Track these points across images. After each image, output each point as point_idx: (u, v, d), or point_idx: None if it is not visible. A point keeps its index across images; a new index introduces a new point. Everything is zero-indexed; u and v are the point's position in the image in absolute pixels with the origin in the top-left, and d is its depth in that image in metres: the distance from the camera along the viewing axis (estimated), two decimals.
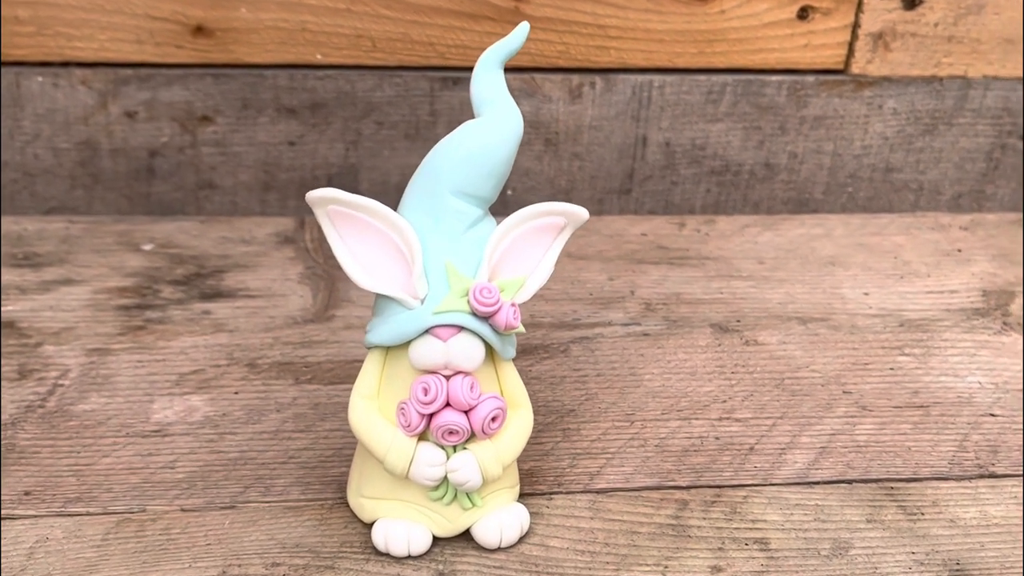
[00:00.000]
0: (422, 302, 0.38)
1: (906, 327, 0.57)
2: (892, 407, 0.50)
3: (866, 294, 0.60)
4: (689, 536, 0.42)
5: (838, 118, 0.74)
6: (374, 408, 0.40)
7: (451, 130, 0.72)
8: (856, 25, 0.72)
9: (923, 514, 0.43)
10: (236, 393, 0.49)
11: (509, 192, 0.73)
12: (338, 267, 0.60)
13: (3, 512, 0.41)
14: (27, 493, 0.42)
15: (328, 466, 0.45)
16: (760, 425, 0.49)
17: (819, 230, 0.67)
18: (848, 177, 0.75)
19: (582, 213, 0.40)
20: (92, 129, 0.68)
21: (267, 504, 0.42)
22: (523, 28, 0.40)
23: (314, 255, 0.62)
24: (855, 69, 0.73)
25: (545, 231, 0.40)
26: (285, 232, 0.64)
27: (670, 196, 0.75)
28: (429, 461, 0.39)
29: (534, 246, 0.40)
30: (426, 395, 0.38)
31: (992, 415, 0.50)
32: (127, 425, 0.46)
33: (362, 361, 0.50)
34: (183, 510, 0.42)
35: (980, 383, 0.52)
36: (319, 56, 0.69)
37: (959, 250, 0.65)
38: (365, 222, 0.39)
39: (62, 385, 0.49)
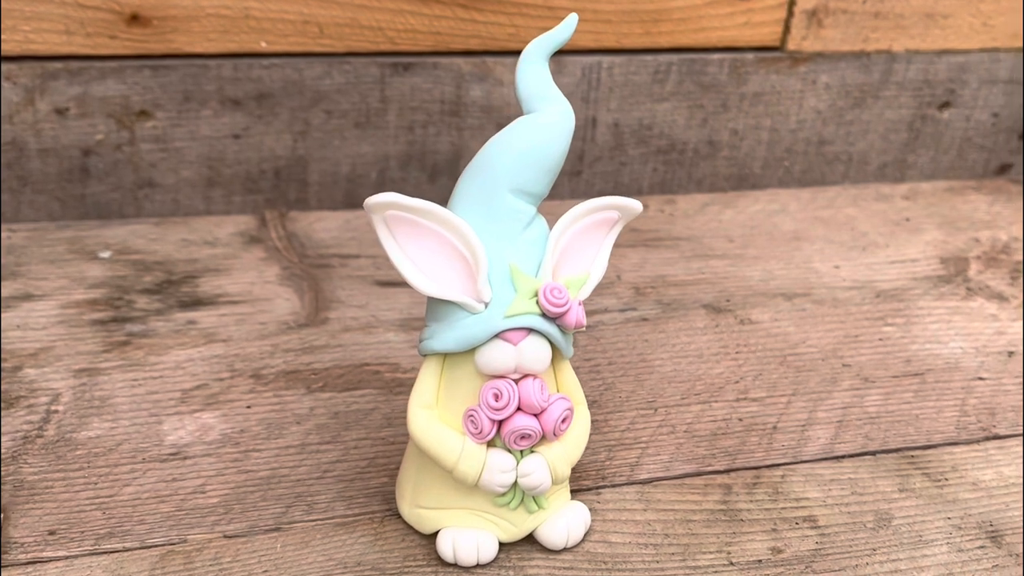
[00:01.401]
0: (486, 306, 0.37)
1: (883, 298, 0.59)
2: (891, 377, 0.52)
3: (836, 267, 0.62)
4: (742, 520, 0.42)
5: (775, 94, 0.76)
6: (436, 417, 0.38)
7: (402, 117, 0.70)
8: (792, 3, 0.74)
9: (947, 480, 0.45)
10: (248, 407, 0.46)
11: None
12: (320, 266, 0.58)
13: (30, 555, 0.38)
14: (51, 532, 0.39)
15: (367, 477, 0.43)
16: (776, 403, 0.50)
17: (774, 206, 0.69)
18: (785, 151, 0.78)
19: (636, 206, 0.40)
20: (18, 128, 0.63)
21: (314, 523, 0.40)
22: (571, 20, 0.39)
23: (286, 254, 0.59)
24: (791, 46, 0.75)
25: (599, 226, 0.39)
26: (248, 231, 0.61)
27: (619, 177, 0.75)
28: (501, 467, 0.38)
29: (589, 242, 0.39)
30: (497, 400, 0.37)
31: (980, 379, 0.52)
32: (141, 450, 0.43)
33: (372, 365, 0.48)
34: (226, 536, 0.40)
35: (962, 348, 0.55)
36: (264, 44, 0.66)
37: (907, 219, 0.68)
38: (424, 226, 0.37)
39: (56, 411, 0.45)
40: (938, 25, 0.77)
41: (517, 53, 0.70)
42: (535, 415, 0.38)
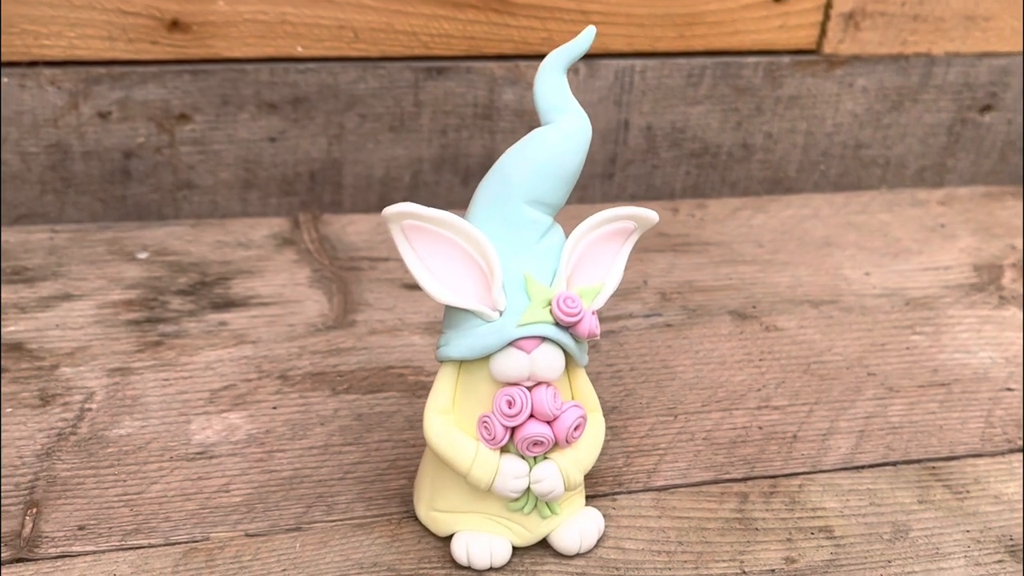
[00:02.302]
0: (500, 314, 0.38)
1: (912, 306, 0.58)
2: (916, 387, 0.52)
3: (867, 274, 0.61)
4: (757, 529, 0.42)
5: (811, 97, 0.76)
6: (451, 422, 0.39)
7: (436, 121, 0.71)
8: (828, 5, 0.74)
9: (968, 492, 0.45)
10: (274, 408, 0.47)
11: None
12: (350, 269, 0.59)
13: (60, 549, 0.39)
14: (81, 528, 0.40)
15: (386, 479, 0.44)
16: (797, 412, 0.50)
17: (807, 210, 0.69)
18: (820, 155, 0.77)
19: (652, 216, 0.40)
20: (62, 131, 0.65)
21: (333, 523, 0.41)
22: (589, 32, 0.40)
23: (317, 256, 0.60)
24: (827, 49, 0.75)
25: (615, 236, 0.40)
26: (281, 233, 0.62)
27: (651, 180, 0.75)
28: (514, 473, 0.39)
29: (604, 251, 0.40)
30: (511, 407, 0.38)
31: (1008, 389, 0.52)
32: (169, 448, 0.45)
33: (396, 368, 0.49)
34: (248, 535, 0.41)
35: (992, 358, 0.54)
36: (300, 49, 0.67)
37: (942, 225, 0.67)
38: (440, 235, 0.38)
39: (90, 409, 0.46)
40: (979, 27, 0.76)
41: None
42: (548, 422, 0.38)
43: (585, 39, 0.40)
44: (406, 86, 0.70)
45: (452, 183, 0.72)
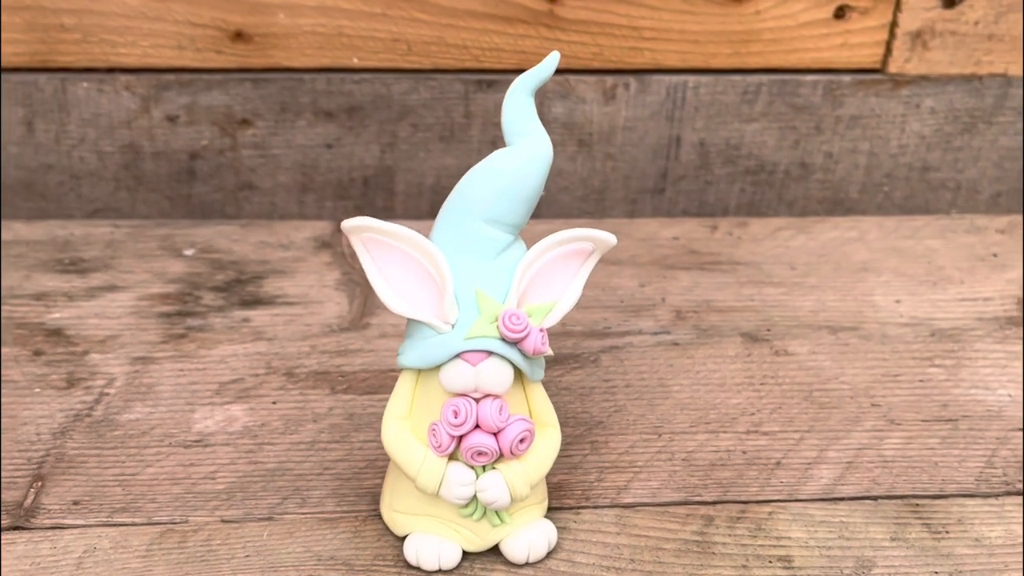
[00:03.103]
0: (453, 327, 0.39)
1: (937, 337, 0.57)
2: (920, 421, 0.50)
3: (898, 301, 0.60)
4: (713, 553, 0.43)
5: (874, 117, 0.74)
6: (406, 428, 0.41)
7: (485, 132, 0.73)
8: (894, 24, 0.72)
9: (948, 532, 0.44)
10: (274, 403, 0.50)
11: (543, 192, 0.74)
12: None
13: (53, 521, 0.43)
14: (76, 503, 0.44)
15: (362, 478, 0.46)
16: (787, 439, 0.49)
17: (853, 233, 0.67)
18: (884, 176, 0.75)
19: (610, 239, 0.41)
20: (135, 133, 0.70)
21: (303, 516, 0.44)
22: (553, 57, 0.41)
23: (350, 260, 0.63)
24: (892, 68, 0.73)
25: (573, 256, 0.41)
26: (322, 236, 0.66)
27: (704, 196, 0.75)
28: (459, 481, 0.40)
29: (562, 271, 0.41)
30: (456, 417, 0.39)
31: (1020, 430, 0.50)
32: (170, 435, 0.48)
33: (396, 371, 0.51)
34: (223, 521, 0.43)
35: (1011, 396, 0.52)
36: (355, 60, 0.70)
37: (995, 255, 0.65)
38: (398, 249, 0.40)
39: (108, 394, 0.50)
40: None
41: (600, 72, 0.72)
42: (493, 434, 0.40)
43: (550, 64, 0.41)
44: (457, 98, 0.72)
45: None
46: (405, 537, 0.42)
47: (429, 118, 0.72)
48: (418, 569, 0.41)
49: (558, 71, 0.72)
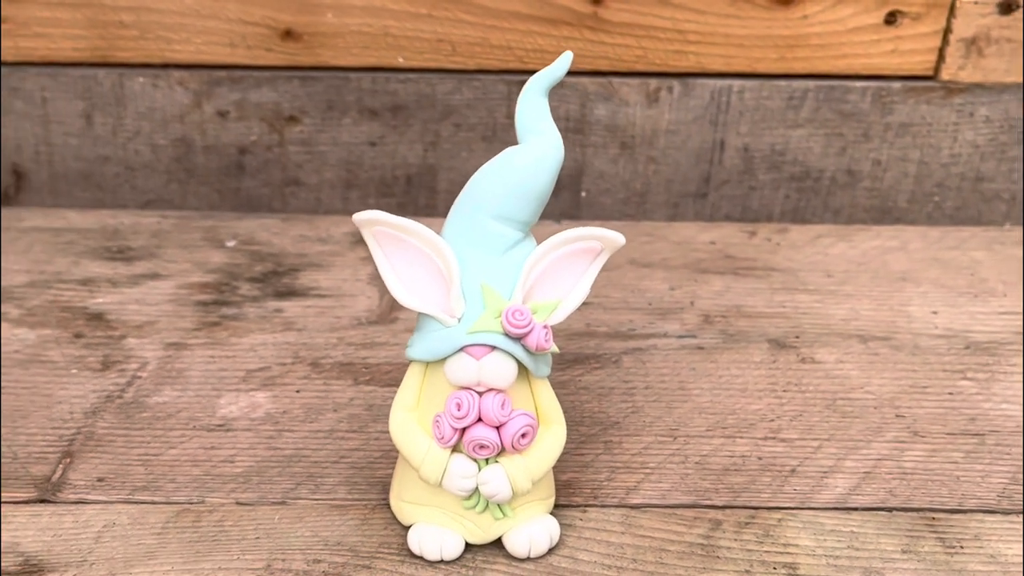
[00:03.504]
0: (459, 321, 0.40)
1: (972, 350, 0.55)
2: (946, 434, 0.49)
3: (934, 313, 0.59)
4: (717, 557, 0.42)
5: (925, 125, 0.73)
6: (413, 420, 0.42)
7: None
8: (947, 30, 0.70)
9: (962, 548, 0.43)
10: (298, 391, 0.51)
11: (583, 194, 0.74)
12: None
13: (78, 496, 0.45)
14: (100, 479, 0.46)
15: (376, 467, 0.47)
16: (805, 447, 0.49)
17: (895, 242, 0.66)
18: (935, 186, 0.74)
19: (618, 239, 0.41)
20: (187, 127, 0.72)
21: (315, 502, 0.45)
22: (566, 57, 0.41)
23: None
24: (945, 75, 0.71)
25: (581, 255, 0.41)
26: (360, 232, 0.67)
27: (747, 201, 0.74)
28: (461, 473, 0.41)
29: (570, 269, 0.41)
30: (459, 410, 0.40)
31: None
32: (195, 419, 0.50)
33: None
34: (238, 503, 0.45)
35: None
36: (401, 59, 0.71)
37: None
38: (408, 243, 0.40)
39: (140, 377, 0.52)
40: None
41: (644, 75, 0.72)
42: (496, 427, 0.40)
43: (562, 63, 0.41)
44: (500, 98, 0.72)
45: None
46: (410, 526, 0.43)
47: (472, 118, 0.73)
48: (420, 558, 0.42)
49: (601, 73, 0.72)
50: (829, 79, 0.72)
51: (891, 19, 0.70)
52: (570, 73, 0.72)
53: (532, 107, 0.41)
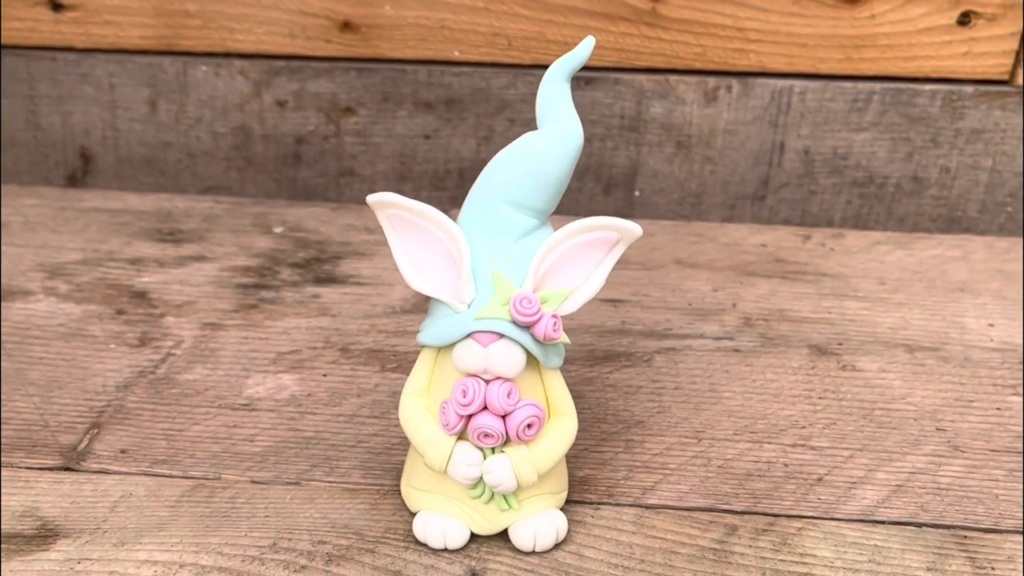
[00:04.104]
0: (468, 307, 0.39)
1: None
2: (988, 450, 0.47)
3: (991, 325, 0.56)
4: (729, 563, 0.41)
5: (999, 132, 0.69)
6: (422, 405, 0.41)
7: (583, 129, 0.73)
8: None
9: (993, 568, 0.41)
10: (324, 375, 0.52)
11: (637, 193, 0.73)
12: None
13: (100, 466, 0.46)
14: (123, 451, 0.47)
15: (392, 453, 0.47)
16: (835, 456, 0.47)
17: (957, 252, 0.63)
18: (1008, 195, 0.70)
19: (635, 229, 0.40)
20: (247, 115, 0.73)
21: (328, 484, 0.45)
22: (588, 42, 0.40)
23: None
24: (1021, 80, 0.68)
25: (597, 245, 0.40)
26: None
27: (807, 205, 0.72)
28: (466, 461, 0.40)
29: (585, 259, 0.40)
30: (464, 397, 0.39)
31: None
32: (221, 397, 0.50)
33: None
34: (253, 482, 0.45)
35: None
36: (456, 53, 0.71)
37: None
38: (422, 227, 0.40)
39: (174, 355, 0.53)
40: None
41: (702, 73, 0.70)
42: (502, 417, 0.40)
43: (584, 49, 0.40)
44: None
45: (594, 192, 0.74)
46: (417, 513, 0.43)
47: (526, 113, 0.72)
48: (424, 545, 0.42)
49: (658, 70, 0.71)
50: (897, 81, 0.69)
51: (964, 20, 0.68)
52: (626, 70, 0.71)
53: (552, 93, 0.40)
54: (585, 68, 0.71)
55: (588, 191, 0.74)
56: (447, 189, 0.74)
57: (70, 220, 0.66)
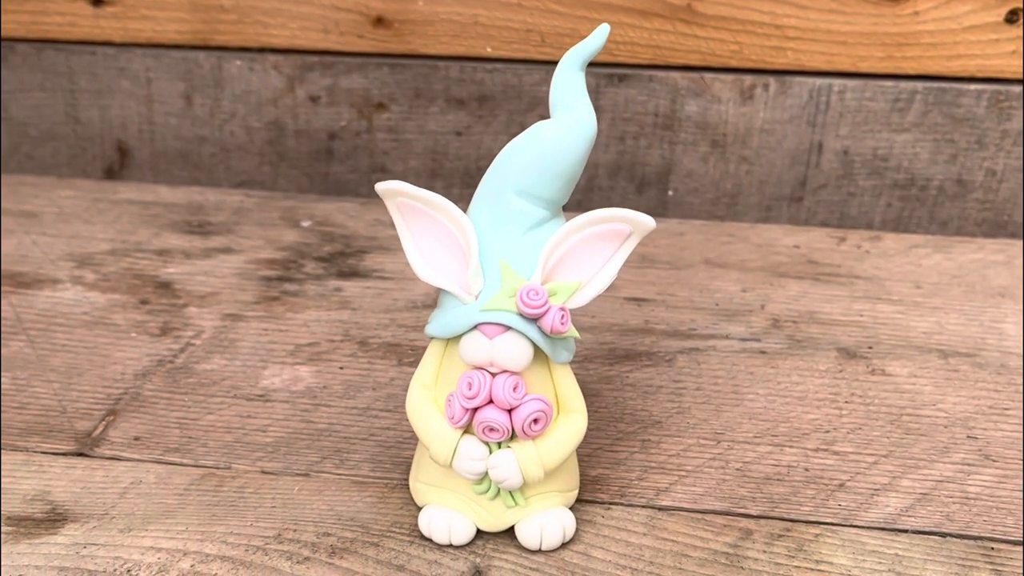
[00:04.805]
0: (476, 298, 0.39)
1: None
2: (1022, 460, 0.45)
3: None
4: (741, 568, 0.40)
5: None
6: (429, 397, 0.41)
7: (614, 127, 0.72)
8: None
9: None
10: (341, 368, 0.51)
11: (670, 192, 0.72)
12: None
13: (113, 452, 0.46)
14: (136, 438, 0.47)
15: (403, 447, 0.46)
16: (859, 461, 0.45)
17: (1000, 256, 0.61)
18: None
19: (648, 222, 0.39)
20: (280, 111, 0.74)
21: (337, 476, 0.44)
22: (603, 30, 0.39)
23: None
24: None
25: (609, 238, 0.39)
26: None
27: (846, 208, 0.71)
28: (471, 455, 0.39)
29: (597, 252, 0.39)
30: (470, 389, 0.38)
31: None
32: (236, 387, 0.50)
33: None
34: (263, 472, 0.45)
35: None
36: (489, 49, 0.71)
37: None
38: (431, 216, 0.39)
39: (193, 345, 0.53)
40: None
41: (738, 71, 0.69)
42: (508, 411, 0.39)
43: (598, 37, 0.40)
44: (587, 91, 0.71)
45: (627, 190, 0.73)
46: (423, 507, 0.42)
47: None
48: (429, 540, 0.41)
49: (693, 68, 0.70)
50: (940, 81, 0.67)
51: (1012, 17, 0.65)
52: (660, 67, 0.70)
53: (566, 81, 0.40)
54: (619, 65, 0.71)
55: (620, 190, 0.73)
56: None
57: (103, 212, 0.67)
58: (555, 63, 0.70)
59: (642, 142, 0.71)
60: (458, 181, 0.74)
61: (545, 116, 0.72)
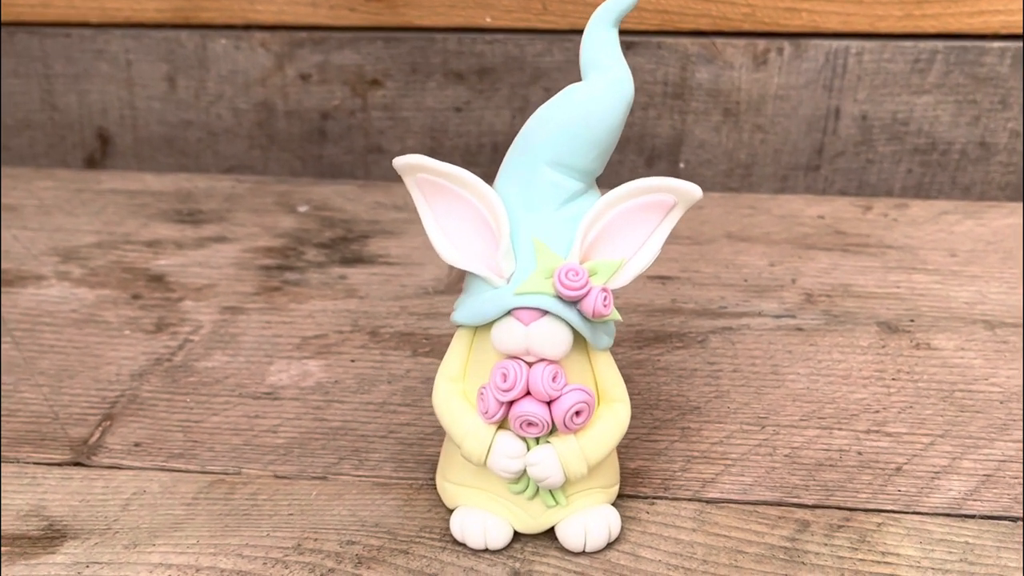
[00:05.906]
0: (508, 281, 0.35)
1: None
2: None
3: None
4: (803, 563, 0.37)
5: None
6: (458, 391, 0.37)
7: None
8: None
9: None
10: (352, 361, 0.48)
11: (682, 164, 0.69)
12: None
13: (112, 460, 0.42)
14: (137, 444, 0.43)
15: (426, 444, 0.43)
16: (915, 443, 0.42)
17: None
18: None
19: (695, 191, 0.36)
20: (269, 91, 0.70)
21: (357, 478, 0.41)
22: None
23: None
24: None
25: (652, 209, 0.36)
26: None
27: (865, 175, 0.68)
28: (507, 452, 0.36)
29: (638, 226, 0.36)
30: (505, 381, 0.35)
31: None
32: (242, 385, 0.47)
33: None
34: (276, 476, 0.41)
35: None
36: (488, 19, 0.67)
37: None
38: (454, 192, 0.36)
39: (192, 341, 0.50)
40: None
41: (751, 35, 0.66)
42: (547, 403, 0.36)
43: None
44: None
45: (636, 164, 0.70)
46: (454, 510, 0.39)
47: (563, 82, 0.67)
48: (463, 546, 0.38)
49: (703, 33, 0.66)
50: (962, 39, 0.65)
51: None
52: (669, 33, 0.67)
53: (598, 40, 0.36)
54: (625, 32, 0.67)
55: (629, 163, 0.69)
56: (480, 164, 0.70)
57: (86, 202, 0.63)
58: (558, 32, 0.67)
59: (651, 112, 0.68)
60: (459, 159, 0.70)
61: (549, 88, 0.69)
